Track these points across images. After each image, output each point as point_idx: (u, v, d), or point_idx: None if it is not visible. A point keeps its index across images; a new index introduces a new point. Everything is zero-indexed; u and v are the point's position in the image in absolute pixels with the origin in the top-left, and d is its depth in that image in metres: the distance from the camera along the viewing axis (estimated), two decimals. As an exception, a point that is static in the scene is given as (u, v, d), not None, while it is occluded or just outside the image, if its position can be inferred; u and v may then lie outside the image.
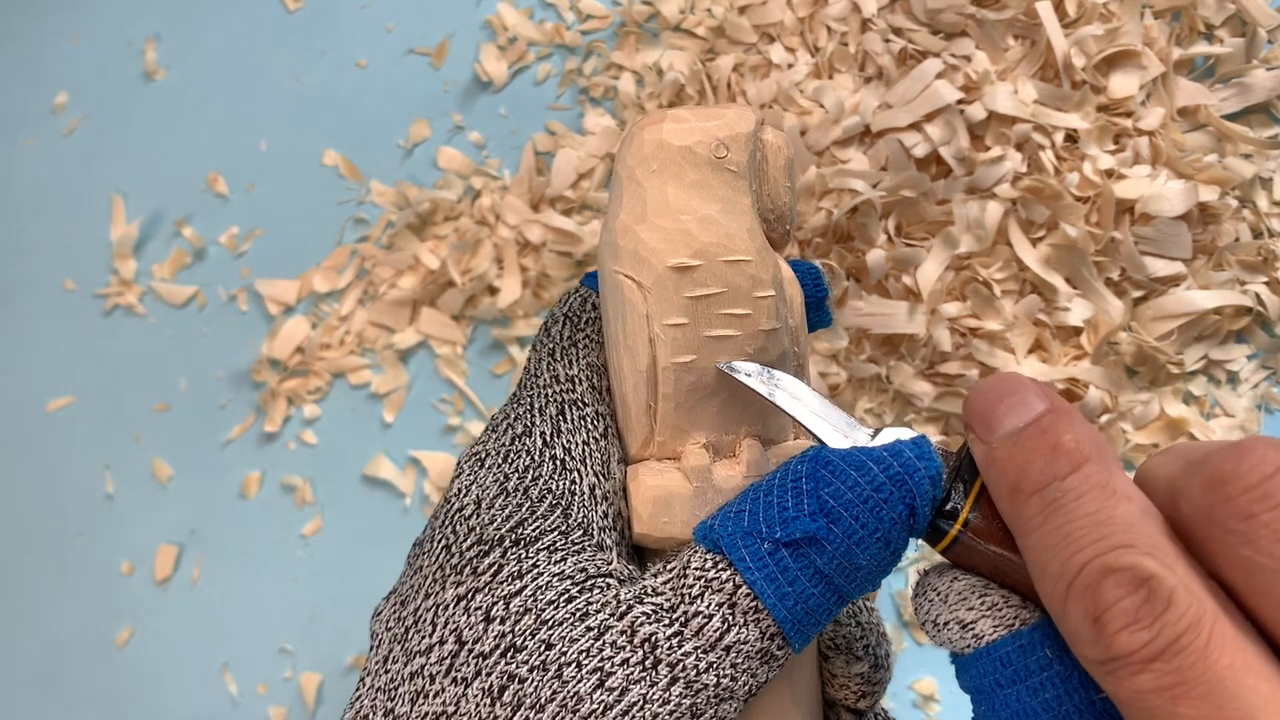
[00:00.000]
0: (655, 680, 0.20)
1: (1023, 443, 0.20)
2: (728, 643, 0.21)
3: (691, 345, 0.22)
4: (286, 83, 0.55)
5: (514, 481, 0.23)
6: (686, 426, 0.23)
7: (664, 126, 0.23)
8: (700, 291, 0.22)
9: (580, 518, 0.22)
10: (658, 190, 0.23)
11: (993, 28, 0.47)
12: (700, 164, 0.23)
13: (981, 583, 0.21)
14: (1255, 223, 0.47)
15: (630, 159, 0.23)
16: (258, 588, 0.50)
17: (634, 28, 0.52)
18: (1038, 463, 0.20)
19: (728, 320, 0.22)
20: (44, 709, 0.51)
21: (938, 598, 0.22)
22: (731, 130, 0.23)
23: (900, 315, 0.46)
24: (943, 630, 0.21)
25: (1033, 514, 0.19)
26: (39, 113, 0.56)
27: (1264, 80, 0.47)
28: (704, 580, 0.21)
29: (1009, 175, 0.46)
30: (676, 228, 0.22)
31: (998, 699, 0.20)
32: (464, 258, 0.51)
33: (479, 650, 0.20)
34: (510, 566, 0.21)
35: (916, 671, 0.47)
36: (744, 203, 0.23)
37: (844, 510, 0.21)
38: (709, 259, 0.22)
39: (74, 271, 0.54)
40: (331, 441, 0.51)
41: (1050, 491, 0.19)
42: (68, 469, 0.53)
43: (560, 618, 0.20)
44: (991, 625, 0.21)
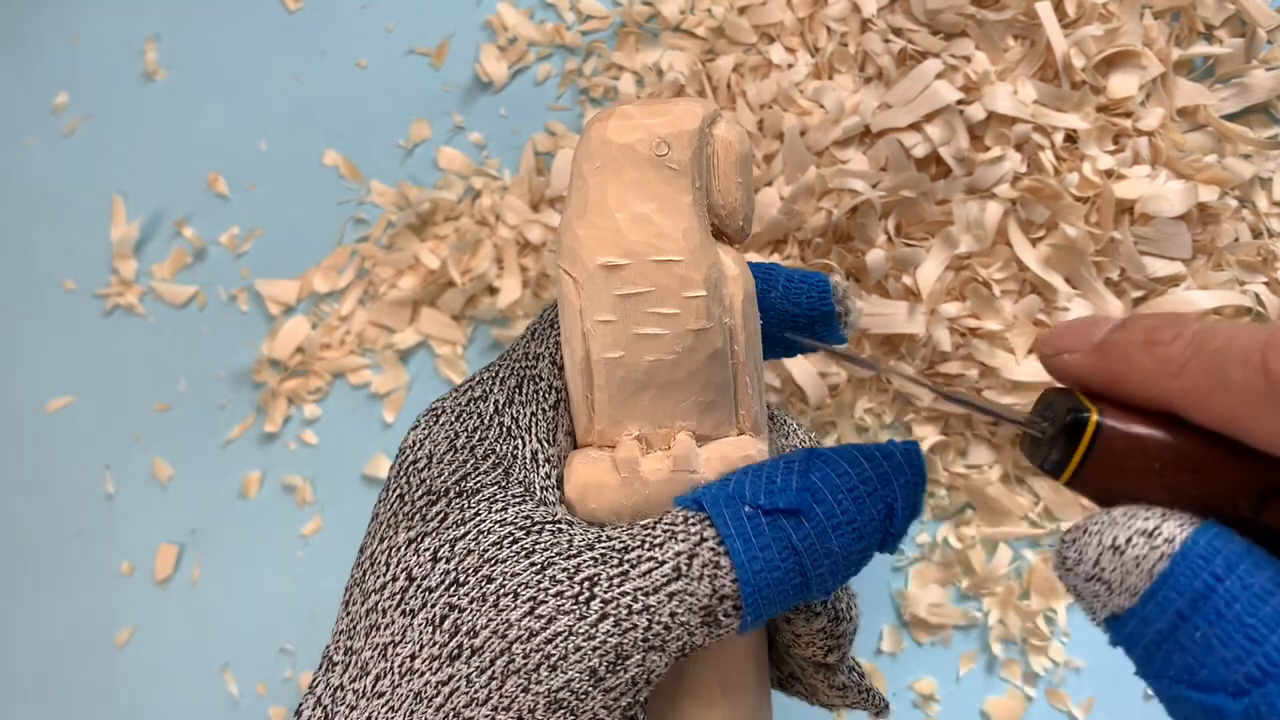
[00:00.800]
0: (585, 614, 0.20)
1: (1135, 320, 0.20)
2: (672, 589, 0.21)
3: (620, 342, 0.23)
4: (287, 83, 0.55)
5: (462, 440, 0.24)
6: (621, 417, 0.24)
7: (609, 124, 0.23)
8: (628, 290, 0.23)
9: (521, 477, 0.23)
10: (598, 187, 0.23)
11: (992, 28, 0.47)
12: (640, 161, 0.23)
13: (1135, 504, 0.19)
14: (1255, 223, 0.47)
15: (579, 155, 0.24)
16: (258, 588, 0.50)
17: (634, 28, 0.52)
18: (1163, 321, 0.19)
19: (655, 319, 0.23)
20: (44, 709, 0.51)
21: (1104, 524, 0.19)
22: (675, 128, 0.23)
23: (900, 315, 0.46)
24: (1126, 551, 0.18)
25: (1181, 350, 0.19)
26: (39, 113, 0.56)
27: (1263, 80, 0.47)
28: (671, 530, 0.22)
29: (1009, 175, 0.46)
30: (609, 226, 0.23)
31: (1218, 596, 0.17)
32: (464, 258, 0.51)
33: (426, 585, 0.21)
34: (454, 515, 0.22)
35: (916, 671, 0.47)
36: (683, 200, 0.23)
37: (829, 493, 0.22)
38: (637, 258, 0.23)
39: (74, 271, 0.54)
40: (332, 441, 0.51)
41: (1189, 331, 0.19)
42: (68, 469, 0.53)
43: (503, 556, 0.21)
44: (1176, 524, 0.18)
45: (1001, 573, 0.46)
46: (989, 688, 0.46)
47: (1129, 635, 0.19)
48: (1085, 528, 0.19)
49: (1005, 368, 0.45)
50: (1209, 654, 0.17)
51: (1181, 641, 0.18)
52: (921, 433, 0.47)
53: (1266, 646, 0.17)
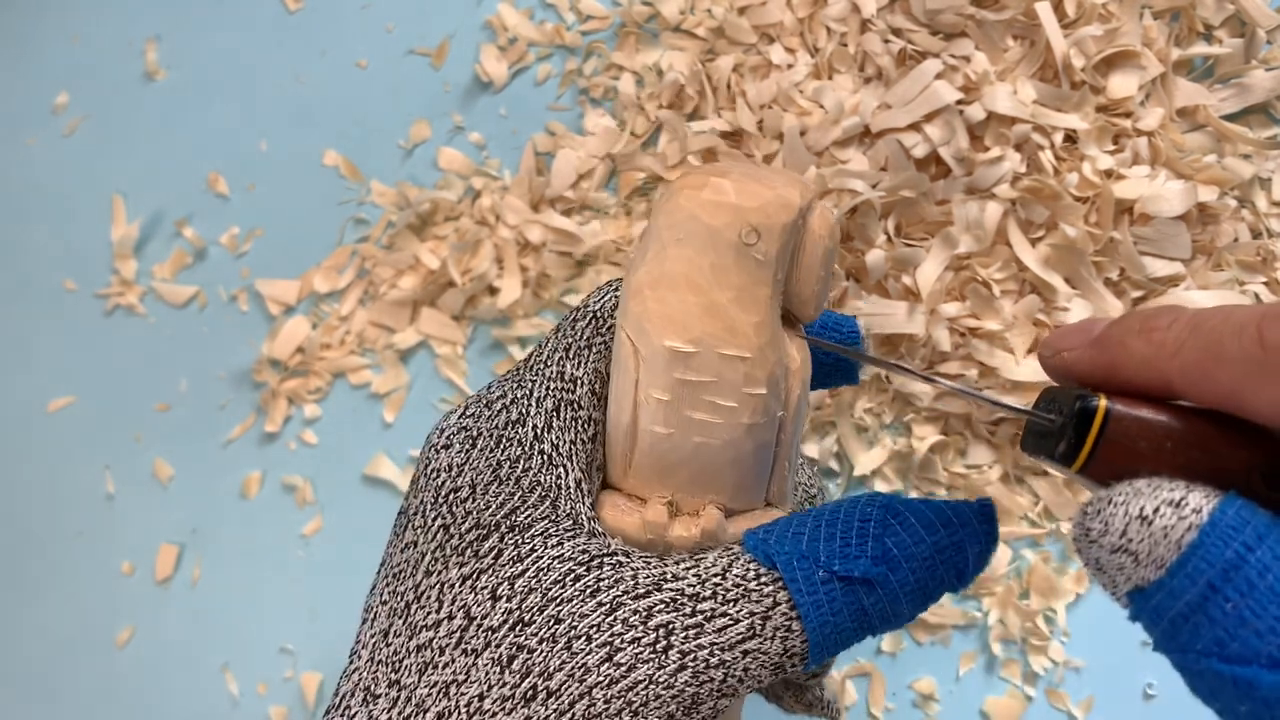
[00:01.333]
0: (664, 664, 0.21)
1: (1130, 314, 0.20)
2: (747, 648, 0.21)
3: (670, 421, 0.22)
4: (287, 83, 0.55)
5: (506, 469, 0.23)
6: (656, 483, 0.24)
7: (701, 195, 0.22)
8: (690, 376, 0.22)
9: (568, 509, 0.23)
10: (676, 261, 0.22)
11: (992, 28, 0.47)
12: (724, 247, 0.22)
13: (1156, 476, 0.19)
14: (1254, 223, 0.47)
15: (661, 218, 0.22)
16: (258, 587, 0.50)
17: (634, 28, 0.52)
18: (1158, 311, 0.19)
19: (711, 407, 0.22)
20: (44, 709, 0.51)
21: (1130, 494, 0.18)
22: (768, 218, 0.22)
23: (900, 315, 0.46)
24: (1153, 522, 0.18)
25: (1178, 333, 0.19)
26: (39, 113, 0.56)
27: (1263, 80, 0.47)
28: (744, 588, 0.21)
29: (1008, 175, 0.46)
30: (681, 306, 0.22)
31: (1250, 567, 0.17)
32: (464, 258, 0.51)
33: (488, 625, 0.21)
34: (509, 551, 0.22)
35: (916, 671, 0.47)
36: (761, 294, 0.22)
37: (904, 561, 0.21)
38: (705, 348, 0.22)
39: (75, 272, 0.54)
40: (332, 441, 0.51)
41: (1184, 315, 0.19)
42: (68, 469, 0.53)
43: (568, 595, 0.21)
44: (1202, 495, 0.18)
45: (1001, 572, 0.46)
46: (989, 687, 0.46)
47: (1154, 608, 0.18)
48: (1110, 498, 0.19)
49: (1005, 368, 0.45)
50: (1241, 626, 0.17)
51: (1211, 614, 0.17)
52: (921, 432, 0.47)
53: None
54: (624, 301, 0.23)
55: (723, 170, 0.22)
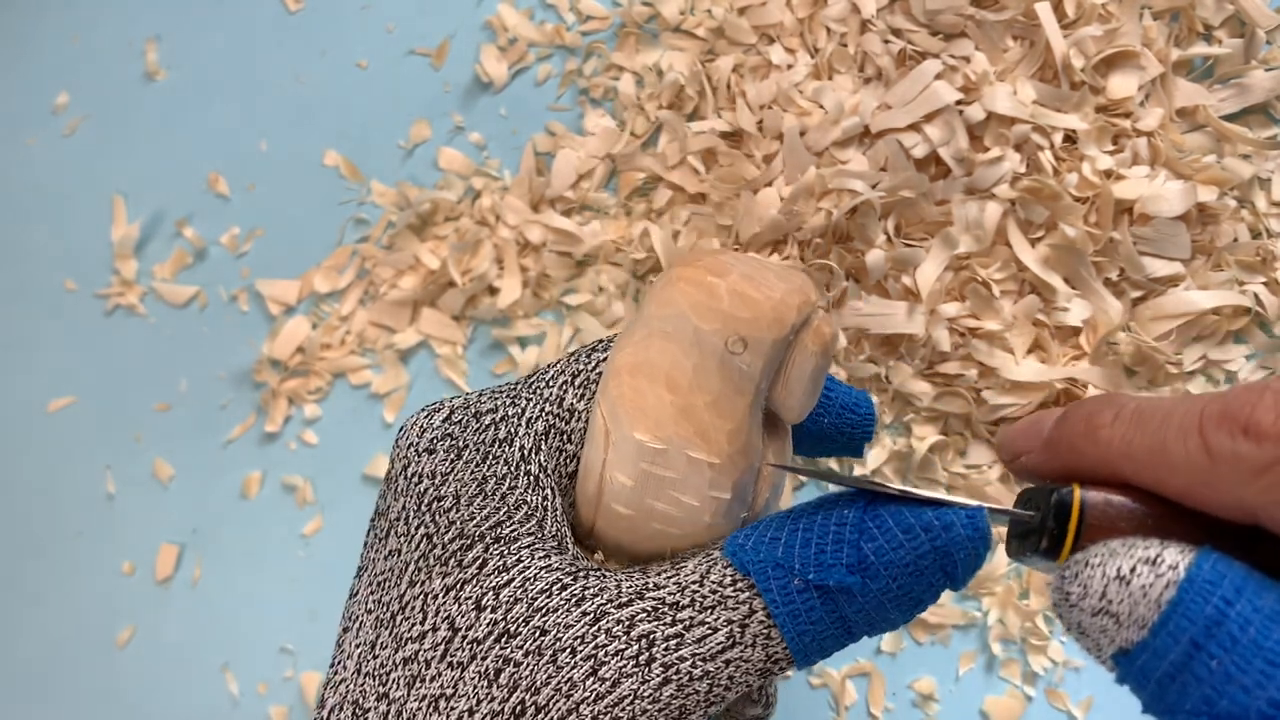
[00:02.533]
0: (648, 678, 0.20)
1: (1074, 410, 0.20)
2: (728, 657, 0.21)
3: (632, 504, 0.22)
4: (287, 83, 0.55)
5: (491, 484, 0.23)
6: (615, 551, 0.24)
7: (695, 295, 0.21)
8: (656, 470, 0.22)
9: (553, 530, 0.23)
10: (660, 354, 0.22)
11: (992, 29, 0.47)
12: (709, 352, 0.21)
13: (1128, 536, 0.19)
14: (1254, 223, 0.47)
15: (654, 304, 0.22)
16: (259, 587, 0.50)
17: (634, 29, 0.52)
18: (1099, 405, 0.20)
19: (674, 501, 0.22)
20: (44, 709, 0.51)
21: (1106, 555, 0.19)
22: (757, 331, 0.21)
23: (899, 315, 0.46)
24: (1131, 581, 0.18)
25: (1123, 431, 0.19)
26: (39, 113, 0.56)
27: (1263, 81, 0.47)
28: (720, 595, 0.21)
29: (1008, 176, 0.46)
30: (657, 403, 0.21)
31: (1231, 622, 0.17)
32: (464, 258, 0.51)
33: (472, 636, 0.21)
34: (495, 560, 0.21)
35: (915, 671, 0.47)
36: (740, 402, 0.22)
37: (883, 569, 0.21)
38: (674, 447, 0.22)
39: (75, 272, 0.54)
40: (332, 441, 0.51)
41: (1126, 410, 0.19)
42: (68, 469, 0.53)
43: (554, 605, 0.21)
44: (1177, 552, 0.18)
45: (1001, 572, 0.46)
46: (988, 687, 0.46)
47: (1140, 670, 0.18)
48: (1086, 561, 0.19)
49: (1004, 368, 0.45)
50: (1228, 682, 0.17)
51: (1197, 672, 0.17)
52: (921, 432, 0.47)
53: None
54: (605, 378, 0.23)
55: (722, 269, 0.22)
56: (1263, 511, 0.17)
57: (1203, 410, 0.18)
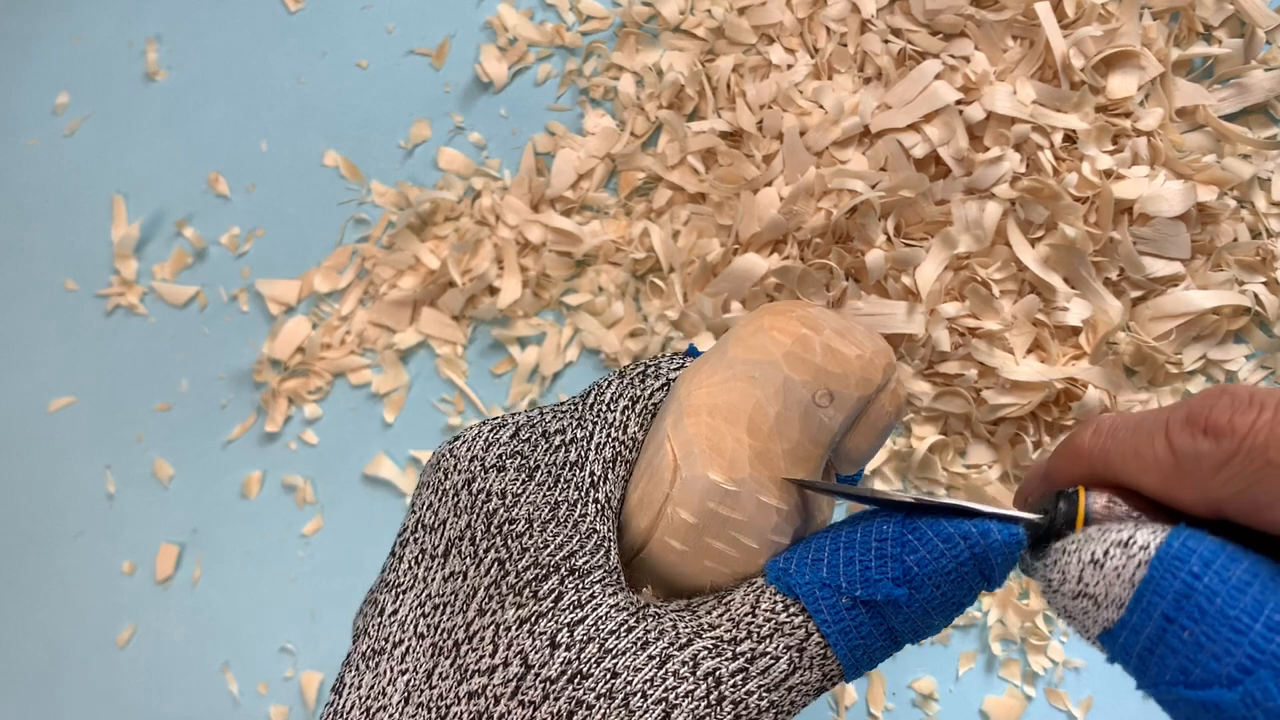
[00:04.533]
0: (719, 716, 0.21)
1: (1058, 448, 0.22)
2: (791, 684, 0.21)
3: (689, 541, 0.22)
4: (287, 83, 0.55)
5: (564, 511, 0.23)
6: (654, 583, 0.24)
7: (788, 344, 0.22)
8: (724, 511, 0.22)
9: (615, 562, 0.23)
10: (744, 398, 0.22)
11: (992, 28, 0.47)
12: (794, 401, 0.22)
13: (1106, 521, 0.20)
14: (1253, 223, 0.47)
15: (740, 346, 0.22)
16: (259, 587, 0.50)
17: (634, 29, 0.52)
18: (1081, 429, 0.22)
19: (734, 542, 0.22)
20: (44, 709, 0.51)
21: (1081, 542, 0.20)
22: (845, 387, 0.22)
23: (899, 315, 0.46)
24: (1104, 564, 0.19)
25: (1103, 439, 0.20)
26: (40, 113, 0.56)
27: (1262, 81, 0.47)
28: (774, 623, 0.22)
29: (1008, 176, 0.46)
30: (735, 445, 0.22)
31: (1198, 594, 0.18)
32: (464, 258, 0.51)
33: (545, 675, 0.20)
34: (570, 595, 0.21)
35: (915, 670, 0.47)
36: (815, 453, 0.22)
37: (927, 579, 0.21)
38: (746, 490, 0.22)
39: (75, 272, 0.55)
40: (332, 441, 0.51)
41: (1104, 424, 0.21)
42: (69, 469, 0.53)
43: (623, 647, 0.21)
44: (1150, 532, 0.19)
45: (1001, 572, 0.46)
46: (988, 687, 0.46)
47: (1123, 647, 0.19)
48: (1063, 549, 0.20)
49: (1004, 367, 0.45)
50: (1199, 651, 0.18)
51: (1171, 644, 0.18)
52: (921, 432, 0.47)
53: (1251, 635, 0.17)
54: (679, 414, 0.23)
55: (816, 323, 0.22)
56: (1226, 504, 0.18)
57: (1169, 415, 0.19)
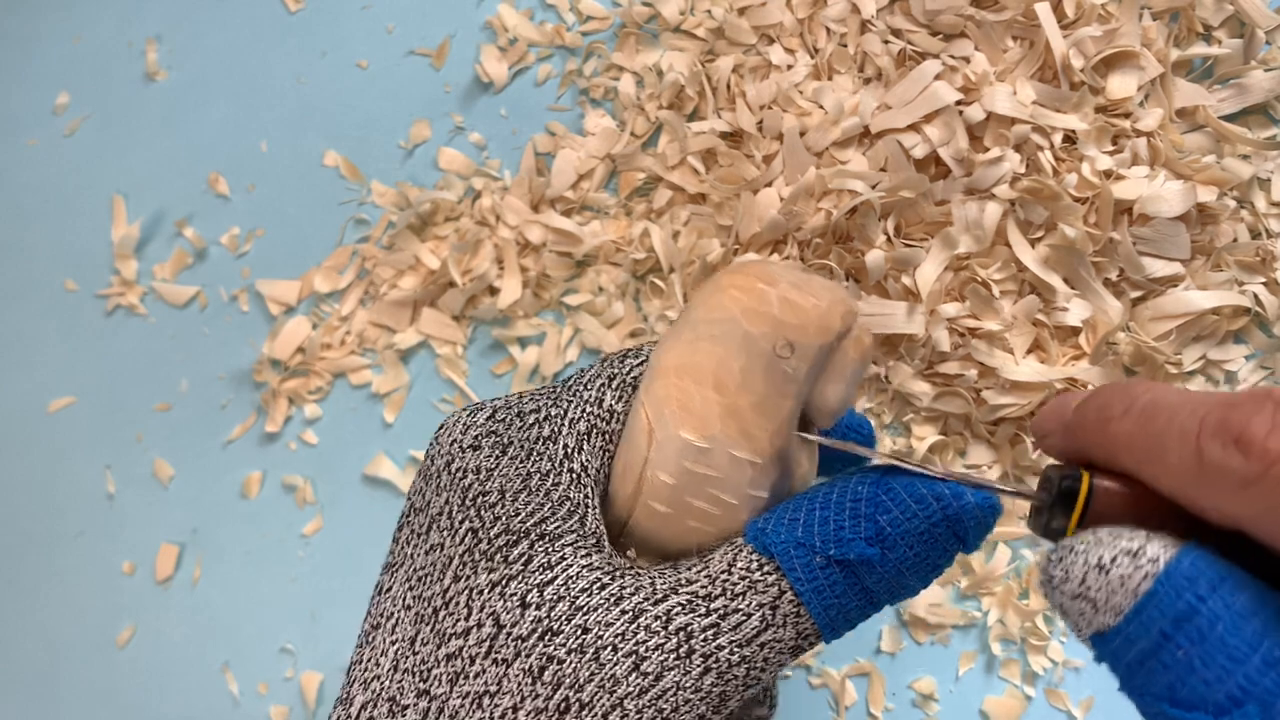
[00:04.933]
0: (689, 669, 0.21)
1: (1092, 398, 0.21)
2: (764, 640, 0.22)
3: (671, 502, 0.23)
4: (287, 83, 0.55)
5: (536, 480, 0.23)
6: (645, 548, 0.24)
7: (745, 300, 0.22)
8: (699, 469, 0.23)
9: (594, 528, 0.23)
10: (707, 356, 0.22)
11: (991, 29, 0.47)
12: (756, 355, 0.22)
13: (1123, 526, 0.20)
14: (1253, 223, 0.47)
15: (702, 308, 0.23)
16: (259, 587, 0.50)
17: (634, 29, 0.52)
18: (1114, 396, 0.20)
19: (713, 499, 0.23)
20: (44, 709, 0.51)
21: (1090, 544, 0.19)
22: (805, 337, 0.22)
23: (899, 315, 0.46)
24: (1110, 570, 0.19)
25: (1131, 426, 0.19)
26: (40, 113, 0.56)
27: (1262, 81, 0.47)
28: (749, 580, 0.22)
29: (1008, 176, 0.46)
30: (703, 403, 0.22)
31: (1201, 617, 0.18)
32: (464, 258, 0.51)
33: (517, 633, 0.21)
34: (540, 557, 0.22)
35: (915, 671, 0.47)
36: (783, 405, 0.23)
37: (900, 539, 0.22)
38: (718, 446, 0.22)
39: (75, 272, 0.54)
40: (332, 441, 0.51)
41: (1137, 405, 0.20)
42: (68, 469, 0.53)
43: (595, 603, 0.21)
44: (1161, 545, 0.19)
45: (1000, 572, 0.46)
46: (988, 687, 0.46)
47: (1113, 652, 0.19)
48: (1071, 547, 0.20)
49: (1004, 368, 0.45)
50: (1190, 673, 0.17)
51: (1164, 660, 0.18)
52: (921, 432, 0.47)
53: (1247, 667, 0.17)
54: (649, 379, 0.23)
55: (772, 277, 0.23)
56: (1246, 523, 0.18)
57: (1204, 416, 0.18)
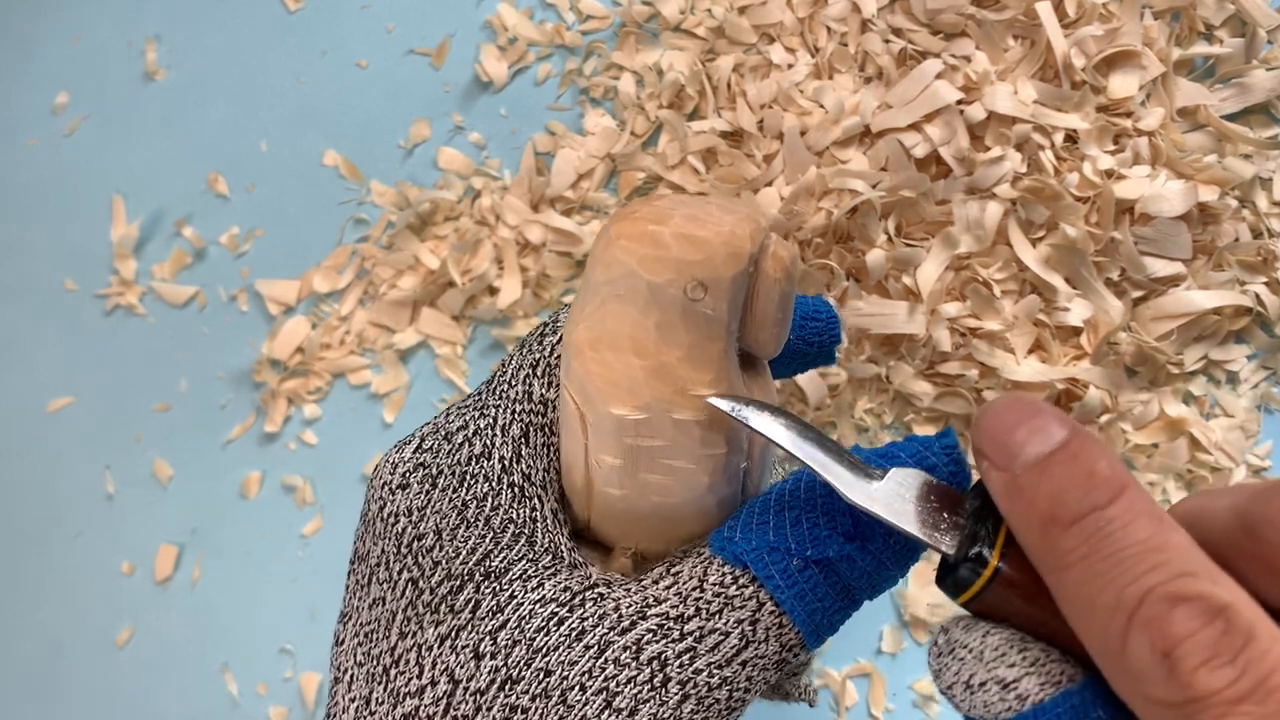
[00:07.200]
0: (665, 699, 0.20)
1: (1051, 469, 0.18)
2: (744, 658, 0.20)
3: (626, 484, 0.21)
4: (287, 83, 0.55)
5: (473, 509, 0.21)
6: (616, 536, 0.23)
7: (639, 249, 0.20)
8: (642, 442, 0.20)
9: (546, 543, 0.21)
10: (618, 319, 0.20)
11: (992, 28, 0.47)
12: (668, 304, 0.20)
13: (1019, 636, 0.19)
14: (1255, 223, 0.47)
15: (599, 269, 0.20)
16: (258, 588, 0.50)
17: (634, 28, 0.52)
18: (1074, 490, 0.17)
19: (667, 469, 0.21)
20: (44, 709, 0.51)
21: (970, 655, 0.19)
22: (714, 271, 0.20)
23: (900, 315, 0.46)
24: (977, 693, 0.18)
25: (1073, 545, 0.17)
26: (39, 113, 0.56)
27: (1263, 80, 0.47)
28: (723, 597, 0.21)
29: (1009, 175, 0.46)
30: (626, 371, 0.20)
31: None
32: (464, 258, 0.51)
33: (474, 688, 0.20)
34: (487, 601, 0.20)
35: (916, 671, 0.47)
36: (714, 349, 0.20)
37: (875, 529, 0.21)
38: (656, 413, 0.20)
39: (74, 272, 0.54)
40: (332, 441, 0.51)
41: (1093, 521, 0.17)
42: (68, 469, 0.53)
43: (553, 643, 0.20)
44: (1038, 683, 0.18)
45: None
46: (989, 688, 0.46)
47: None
48: (954, 649, 0.19)
49: (1005, 368, 0.45)
50: None
51: None
52: (921, 432, 0.47)
53: None
54: (566, 358, 0.21)
55: (662, 215, 0.20)
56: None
57: (1145, 594, 0.16)
